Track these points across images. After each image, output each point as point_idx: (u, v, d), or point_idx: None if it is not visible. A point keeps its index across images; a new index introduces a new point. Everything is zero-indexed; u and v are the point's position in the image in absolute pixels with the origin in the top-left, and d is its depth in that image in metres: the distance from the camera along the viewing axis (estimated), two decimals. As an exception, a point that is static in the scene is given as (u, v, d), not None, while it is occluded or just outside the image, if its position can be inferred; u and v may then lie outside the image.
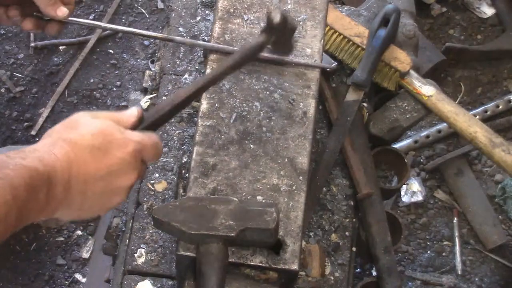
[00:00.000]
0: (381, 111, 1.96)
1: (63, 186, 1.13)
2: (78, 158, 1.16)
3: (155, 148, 1.28)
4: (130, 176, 1.23)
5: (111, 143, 1.20)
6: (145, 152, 1.25)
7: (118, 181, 1.21)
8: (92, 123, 1.21)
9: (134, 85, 3.10)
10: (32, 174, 1.07)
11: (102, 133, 1.20)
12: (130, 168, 1.22)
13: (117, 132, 1.22)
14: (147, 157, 1.27)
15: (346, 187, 1.82)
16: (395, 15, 1.91)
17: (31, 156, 1.10)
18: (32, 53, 3.14)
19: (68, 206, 1.17)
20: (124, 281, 1.65)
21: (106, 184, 1.20)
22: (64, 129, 1.20)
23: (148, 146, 1.26)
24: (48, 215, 1.15)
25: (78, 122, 1.21)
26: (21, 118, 3.02)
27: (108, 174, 1.19)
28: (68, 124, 1.21)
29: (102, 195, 1.21)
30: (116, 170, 1.20)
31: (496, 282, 2.73)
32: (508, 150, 1.85)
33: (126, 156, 1.21)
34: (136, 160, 1.23)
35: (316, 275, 1.66)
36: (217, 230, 1.31)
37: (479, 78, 3.07)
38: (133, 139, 1.23)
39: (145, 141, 1.25)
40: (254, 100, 1.54)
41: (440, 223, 2.83)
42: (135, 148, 1.22)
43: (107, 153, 1.19)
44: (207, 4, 1.97)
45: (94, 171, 1.18)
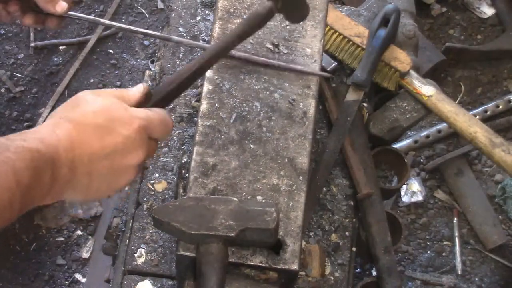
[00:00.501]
0: (381, 111, 1.96)
1: (67, 167, 1.10)
2: (81, 137, 1.13)
3: (163, 124, 1.24)
4: (137, 153, 1.19)
5: (115, 120, 1.16)
6: (152, 128, 1.22)
7: (125, 160, 1.18)
8: (95, 101, 1.17)
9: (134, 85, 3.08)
10: (34, 156, 1.04)
11: (105, 111, 1.16)
12: (136, 145, 1.19)
13: (121, 109, 1.18)
14: (155, 134, 1.23)
15: (346, 187, 1.82)
16: (395, 15, 1.91)
17: (32, 137, 1.07)
18: (32, 53, 3.14)
19: (74, 187, 1.14)
20: (124, 281, 1.65)
21: (112, 163, 1.16)
22: (66, 108, 1.17)
23: (155, 122, 1.22)
24: (54, 198, 1.12)
25: (80, 100, 1.18)
26: (21, 118, 3.02)
27: (114, 152, 1.16)
28: (71, 103, 1.18)
29: (109, 175, 1.18)
30: (121, 148, 1.17)
31: (496, 282, 2.73)
32: (508, 150, 1.85)
33: (131, 133, 1.17)
34: (142, 137, 1.20)
35: (316, 275, 1.66)
36: (217, 230, 1.31)
37: (479, 78, 3.07)
38: (138, 115, 1.19)
39: (151, 117, 1.22)
40: (254, 100, 1.54)
41: (440, 223, 2.83)
42: (140, 125, 1.19)
43: (111, 131, 1.15)
44: (207, 4, 1.97)
45: (99, 150, 1.14)
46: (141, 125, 1.19)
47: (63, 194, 1.14)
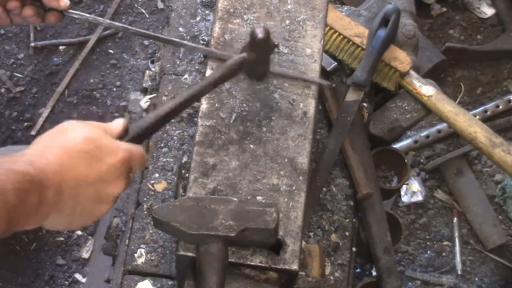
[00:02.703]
0: (381, 111, 1.96)
1: (55, 190, 1.13)
2: (69, 162, 1.16)
3: (142, 159, 1.30)
4: (119, 184, 1.24)
5: (102, 149, 1.21)
6: (133, 161, 1.27)
7: (107, 188, 1.22)
8: (83, 129, 1.22)
9: (134, 85, 3.10)
10: (22, 178, 1.07)
11: (94, 140, 1.21)
12: (119, 175, 1.23)
13: (107, 139, 1.24)
14: (134, 167, 1.28)
15: (346, 187, 1.82)
16: (395, 15, 1.91)
17: (21, 160, 1.11)
18: (32, 53, 3.14)
19: (60, 210, 1.17)
20: (124, 281, 1.65)
21: (96, 189, 1.20)
22: (55, 135, 1.21)
23: (136, 155, 1.27)
24: (40, 220, 1.15)
25: (68, 128, 1.22)
26: (21, 118, 3.02)
27: (99, 180, 1.20)
28: (59, 130, 1.22)
29: (91, 202, 1.21)
30: (106, 176, 1.21)
31: (496, 282, 2.73)
32: (508, 150, 1.85)
33: (116, 163, 1.22)
34: (124, 168, 1.24)
35: (316, 275, 1.66)
36: (217, 230, 1.31)
37: (479, 78, 3.08)
38: (123, 147, 1.25)
39: (133, 150, 1.27)
40: (254, 100, 1.54)
41: (440, 223, 2.83)
42: (124, 156, 1.23)
43: (98, 159, 1.20)
44: (207, 4, 1.97)
45: (85, 176, 1.18)
46: (124, 156, 1.24)
47: (48, 217, 1.16)
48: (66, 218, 1.20)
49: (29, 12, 1.55)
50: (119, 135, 1.30)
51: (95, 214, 1.25)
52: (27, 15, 1.56)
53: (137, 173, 1.76)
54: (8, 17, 1.57)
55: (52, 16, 1.58)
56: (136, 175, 1.77)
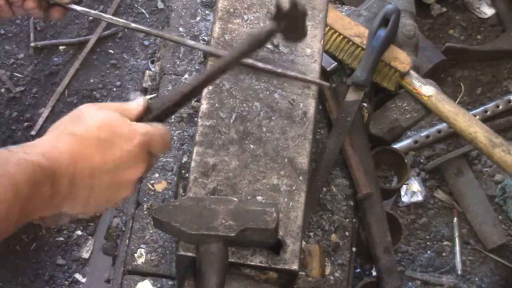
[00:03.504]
0: (381, 111, 1.96)
1: (68, 181, 1.11)
2: (83, 152, 1.13)
3: (163, 140, 1.25)
4: (137, 168, 1.20)
5: (117, 135, 1.17)
6: (152, 144, 1.22)
7: (125, 174, 1.19)
8: (97, 115, 1.18)
9: (134, 85, 3.10)
10: (35, 169, 1.05)
11: (108, 126, 1.17)
12: (137, 160, 1.20)
13: (123, 124, 1.19)
14: (155, 149, 1.24)
15: (346, 187, 1.82)
16: (395, 15, 1.91)
17: (34, 151, 1.08)
18: (32, 53, 3.14)
19: (74, 200, 1.15)
20: (124, 281, 1.65)
21: (112, 177, 1.17)
22: (68, 122, 1.18)
23: (156, 138, 1.23)
24: (54, 210, 1.13)
25: (83, 115, 1.18)
26: (21, 118, 3.02)
27: (115, 167, 1.17)
28: (72, 117, 1.19)
29: (109, 189, 1.18)
30: (122, 163, 1.17)
31: (496, 282, 2.73)
32: (508, 150, 1.85)
33: (132, 149, 1.18)
34: (143, 152, 1.20)
35: (316, 275, 1.66)
36: (217, 230, 1.31)
37: (479, 78, 3.07)
38: (140, 130, 1.20)
39: (152, 132, 1.22)
40: (254, 100, 1.54)
41: (440, 223, 2.83)
42: (141, 140, 1.19)
43: (113, 146, 1.16)
44: (207, 4, 1.97)
45: (100, 165, 1.15)
46: (142, 140, 1.20)
47: (62, 206, 1.14)
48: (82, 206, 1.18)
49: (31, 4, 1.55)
50: (138, 116, 1.24)
51: (115, 200, 1.22)
52: (29, 7, 1.55)
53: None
54: (11, 9, 1.57)
55: (56, 11, 1.58)
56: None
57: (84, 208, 1.19)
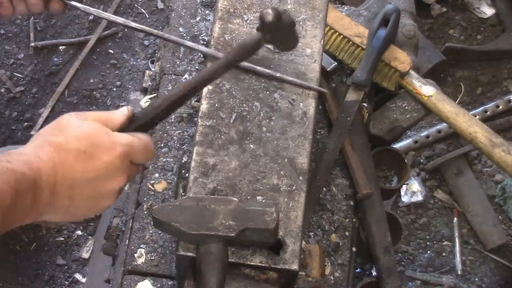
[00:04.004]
0: (381, 111, 1.96)
1: (49, 190, 1.12)
2: (63, 162, 1.14)
3: (145, 150, 1.25)
4: (118, 179, 1.21)
5: (98, 146, 1.18)
6: (134, 154, 1.23)
7: (106, 185, 1.20)
8: (79, 125, 1.18)
9: (134, 85, 3.10)
10: (18, 177, 1.06)
11: (89, 136, 1.17)
12: (118, 171, 1.20)
13: (104, 134, 1.20)
14: (137, 159, 1.25)
15: (346, 187, 1.82)
16: (395, 15, 1.91)
17: (17, 159, 1.09)
18: (32, 53, 3.14)
19: (55, 209, 1.16)
20: (124, 281, 1.65)
21: (93, 188, 1.18)
22: (50, 131, 1.18)
23: (138, 148, 1.23)
24: (34, 219, 1.13)
25: (65, 124, 1.19)
26: (21, 118, 3.02)
27: (95, 178, 1.17)
28: (55, 126, 1.19)
29: (90, 199, 1.19)
30: (103, 174, 1.18)
31: (496, 282, 2.73)
32: (508, 150, 1.85)
33: (113, 160, 1.19)
34: (124, 163, 1.21)
35: (316, 275, 1.66)
36: (217, 230, 1.31)
37: (479, 78, 3.08)
38: (121, 141, 1.21)
39: (134, 143, 1.23)
40: (254, 100, 1.54)
41: (440, 223, 2.83)
42: (122, 151, 1.20)
43: (93, 157, 1.17)
44: (207, 4, 1.97)
45: (80, 175, 1.16)
46: (123, 151, 1.20)
47: (43, 215, 1.15)
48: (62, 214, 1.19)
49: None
50: (122, 125, 1.25)
51: (96, 209, 1.23)
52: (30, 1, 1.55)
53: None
54: (11, 5, 1.57)
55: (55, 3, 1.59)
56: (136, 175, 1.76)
57: (65, 217, 1.20)
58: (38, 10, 1.59)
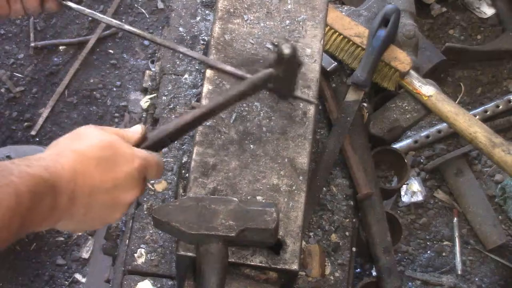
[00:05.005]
0: (381, 111, 1.96)
1: (68, 196, 1.13)
2: (84, 169, 1.15)
3: (158, 166, 1.29)
4: (133, 191, 1.24)
5: (119, 156, 1.20)
6: (149, 169, 1.26)
7: (122, 196, 1.21)
8: (100, 135, 1.20)
9: (134, 85, 3.10)
10: (37, 181, 1.06)
11: (110, 146, 1.20)
12: (134, 183, 1.23)
13: (125, 146, 1.22)
14: (150, 175, 1.28)
15: (346, 187, 1.82)
16: (395, 15, 1.91)
17: (37, 164, 1.10)
18: (32, 53, 3.14)
19: (71, 216, 1.16)
20: (124, 281, 1.65)
21: (110, 197, 1.20)
22: (71, 140, 1.20)
23: (152, 164, 1.27)
24: (51, 225, 1.14)
25: (85, 134, 1.21)
26: (21, 118, 3.02)
27: (114, 187, 1.19)
28: (76, 135, 1.21)
29: (105, 209, 1.21)
30: (121, 184, 1.20)
31: (496, 282, 2.73)
32: (508, 150, 1.85)
33: (132, 171, 1.21)
34: (140, 176, 1.24)
35: (316, 275, 1.66)
36: (217, 230, 1.31)
37: (479, 78, 3.07)
38: (139, 155, 1.24)
39: (150, 158, 1.26)
40: (254, 100, 1.54)
41: (440, 223, 2.83)
42: (140, 164, 1.23)
43: (114, 166, 1.19)
44: (207, 4, 1.97)
45: (100, 183, 1.17)
46: (141, 164, 1.23)
47: (60, 221, 1.15)
48: (77, 223, 1.20)
49: None
50: (136, 142, 1.28)
51: (108, 220, 1.25)
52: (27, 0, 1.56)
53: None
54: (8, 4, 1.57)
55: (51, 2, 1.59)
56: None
57: (78, 226, 1.22)
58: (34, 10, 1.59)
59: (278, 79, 1.43)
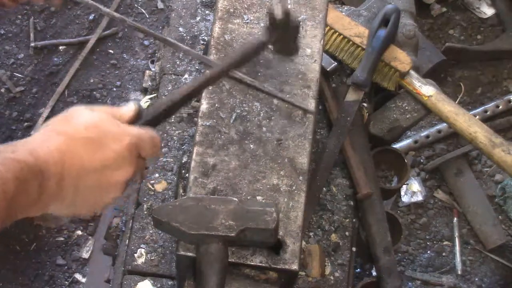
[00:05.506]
0: (381, 111, 1.96)
1: (55, 179, 1.11)
2: (71, 150, 1.13)
3: (153, 143, 1.25)
4: (125, 170, 1.20)
5: (106, 135, 1.17)
6: (142, 146, 1.22)
7: (113, 175, 1.18)
8: (88, 115, 1.18)
9: (134, 85, 3.10)
10: (22, 167, 1.05)
11: (97, 125, 1.17)
12: (125, 162, 1.19)
13: (113, 125, 1.19)
14: (144, 152, 1.24)
15: (346, 187, 1.82)
16: (395, 15, 1.91)
17: (21, 149, 1.08)
18: (32, 53, 3.14)
19: (61, 200, 1.14)
20: (124, 281, 1.65)
21: (99, 177, 1.17)
22: (58, 122, 1.18)
23: (145, 140, 1.23)
24: (41, 210, 1.12)
25: (73, 114, 1.18)
26: (21, 118, 3.02)
27: (102, 167, 1.16)
28: (64, 117, 1.19)
29: (96, 189, 1.18)
30: (110, 163, 1.17)
31: (496, 282, 2.73)
32: (508, 150, 1.85)
33: (121, 150, 1.18)
34: (132, 154, 1.20)
35: (316, 275, 1.66)
36: (217, 230, 1.31)
37: (479, 78, 3.07)
38: (130, 132, 1.20)
39: (142, 135, 1.22)
40: (254, 100, 1.54)
41: (440, 223, 2.83)
42: (131, 141, 1.19)
43: (101, 146, 1.16)
44: (207, 4, 1.97)
45: (88, 164, 1.14)
46: (131, 142, 1.20)
47: (49, 206, 1.14)
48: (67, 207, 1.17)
49: None
50: (130, 120, 1.25)
51: (102, 202, 1.21)
52: None
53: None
54: None
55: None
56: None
57: (71, 209, 1.19)
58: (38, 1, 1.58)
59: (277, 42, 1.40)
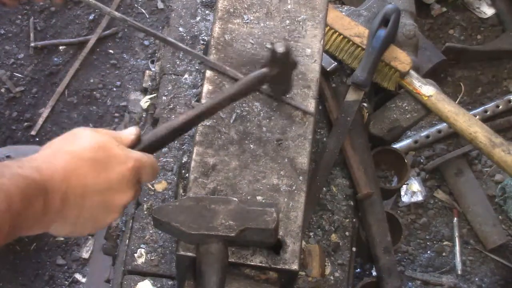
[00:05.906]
0: (381, 111, 1.96)
1: (60, 197, 1.12)
2: (77, 170, 1.15)
3: (153, 169, 1.28)
4: (126, 193, 1.22)
5: (112, 157, 1.19)
6: (143, 171, 1.25)
7: (115, 197, 1.21)
8: (93, 137, 1.20)
9: (134, 85, 3.10)
10: (28, 183, 1.06)
11: (103, 147, 1.19)
12: (128, 185, 1.22)
13: (118, 147, 1.22)
14: (144, 177, 1.27)
15: (346, 187, 1.82)
16: (395, 15, 1.91)
17: (28, 165, 1.09)
18: (32, 53, 3.14)
19: (64, 219, 1.16)
20: (124, 281, 1.65)
21: (103, 199, 1.19)
22: (64, 141, 1.19)
23: (147, 166, 1.26)
24: (44, 228, 1.13)
25: (79, 135, 1.20)
26: (21, 118, 3.02)
27: (106, 188, 1.19)
28: (69, 136, 1.20)
29: (98, 210, 1.20)
30: (114, 185, 1.19)
31: (496, 282, 2.73)
32: (508, 150, 1.85)
33: (125, 172, 1.20)
34: (134, 178, 1.23)
35: (316, 275, 1.66)
36: (217, 230, 1.31)
37: (479, 78, 3.08)
38: (133, 156, 1.23)
39: (144, 160, 1.25)
40: (254, 100, 1.54)
41: (440, 223, 2.83)
42: (134, 166, 1.22)
43: (107, 167, 1.18)
44: (207, 4, 1.97)
45: (93, 184, 1.16)
46: (135, 165, 1.22)
47: (53, 223, 1.15)
48: (70, 226, 1.19)
49: None
50: (130, 144, 1.28)
51: (101, 223, 1.23)
52: None
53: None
54: None
55: None
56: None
57: (72, 229, 1.20)
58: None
59: (273, 79, 1.43)
